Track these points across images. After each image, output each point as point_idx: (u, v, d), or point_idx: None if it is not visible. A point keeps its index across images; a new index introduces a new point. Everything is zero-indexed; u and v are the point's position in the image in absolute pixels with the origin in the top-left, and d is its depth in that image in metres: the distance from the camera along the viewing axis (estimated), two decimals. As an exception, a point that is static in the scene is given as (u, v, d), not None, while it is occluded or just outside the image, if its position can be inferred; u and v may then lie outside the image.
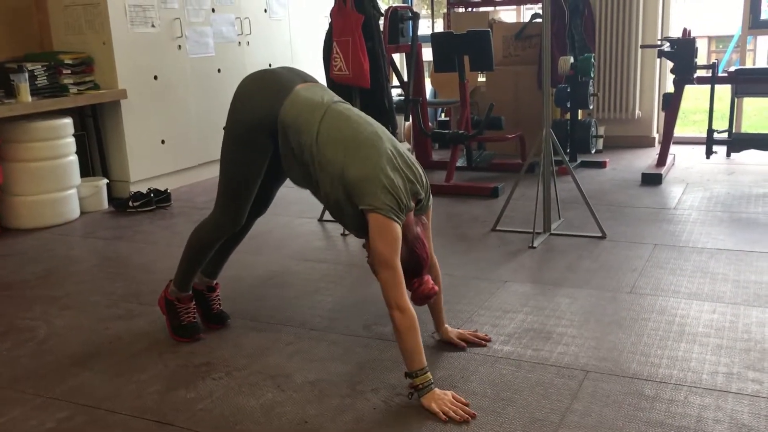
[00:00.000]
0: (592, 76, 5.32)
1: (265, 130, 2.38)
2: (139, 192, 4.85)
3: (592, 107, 5.53)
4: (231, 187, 2.50)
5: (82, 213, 4.73)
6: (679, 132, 5.97)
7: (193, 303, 2.75)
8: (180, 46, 5.35)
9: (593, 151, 5.63)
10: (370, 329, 2.73)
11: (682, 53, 4.93)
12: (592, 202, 3.90)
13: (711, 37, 13.84)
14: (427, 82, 6.40)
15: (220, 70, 5.71)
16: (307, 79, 2.48)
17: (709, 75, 5.08)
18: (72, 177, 4.60)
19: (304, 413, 2.15)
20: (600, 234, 3.74)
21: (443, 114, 6.82)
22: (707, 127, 5.13)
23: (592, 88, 5.40)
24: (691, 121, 8.66)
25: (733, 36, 11.48)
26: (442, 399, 2.12)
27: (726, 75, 5.15)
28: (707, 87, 5.08)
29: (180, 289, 2.70)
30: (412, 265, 2.24)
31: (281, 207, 3.45)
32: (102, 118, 5.03)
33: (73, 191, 4.62)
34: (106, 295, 3.24)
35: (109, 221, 4.59)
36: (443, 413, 2.07)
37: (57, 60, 4.71)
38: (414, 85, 5.04)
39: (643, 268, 3.26)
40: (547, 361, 2.41)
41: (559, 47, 5.38)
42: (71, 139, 4.61)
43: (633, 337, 2.56)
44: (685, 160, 5.61)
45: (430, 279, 2.31)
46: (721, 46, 13.97)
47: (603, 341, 2.54)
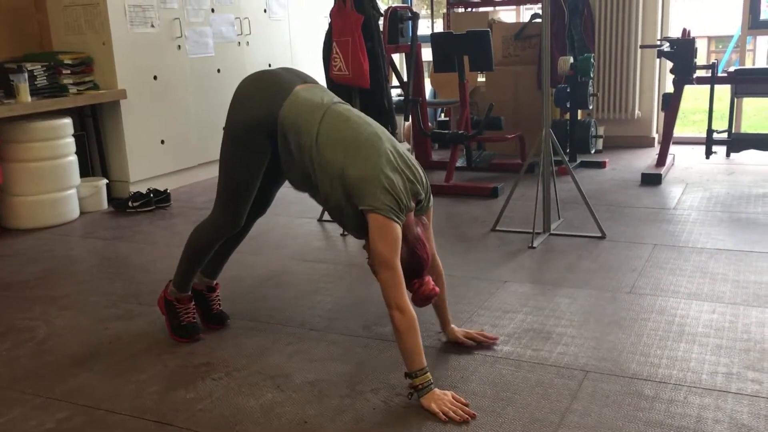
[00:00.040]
0: (592, 76, 5.32)
1: (265, 131, 2.38)
2: (138, 192, 4.85)
3: (591, 107, 5.53)
4: (230, 187, 2.50)
5: (82, 213, 4.73)
6: (678, 132, 5.97)
7: (193, 303, 2.75)
8: (179, 46, 5.35)
9: (593, 151, 5.63)
10: (369, 329, 2.73)
11: (682, 53, 4.93)
12: (591, 203, 3.90)
13: (710, 37, 13.84)
14: (427, 82, 6.40)
15: (219, 71, 5.71)
16: (306, 80, 2.48)
17: (709, 75, 5.09)
18: (71, 177, 4.60)
19: (303, 413, 2.15)
20: (600, 234, 3.74)
21: (443, 114, 6.83)
22: (707, 127, 5.13)
23: (591, 88, 5.40)
24: (690, 121, 8.66)
25: (732, 36, 11.49)
26: (442, 399, 2.12)
27: (725, 75, 5.15)
28: (707, 87, 5.08)
29: (179, 289, 2.70)
30: (413, 265, 2.24)
31: (281, 207, 3.45)
32: (101, 119, 5.03)
33: (72, 191, 4.62)
34: (105, 296, 3.24)
35: (108, 221, 4.59)
36: (443, 413, 2.07)
37: (56, 60, 4.71)
38: (414, 86, 5.04)
39: (643, 268, 3.26)
40: (546, 361, 2.41)
41: (558, 47, 5.38)
42: (71, 140, 4.61)
43: (632, 337, 2.56)
44: (685, 160, 5.61)
45: (431, 280, 2.31)
46: (720, 46, 13.97)
47: (602, 341, 2.54)
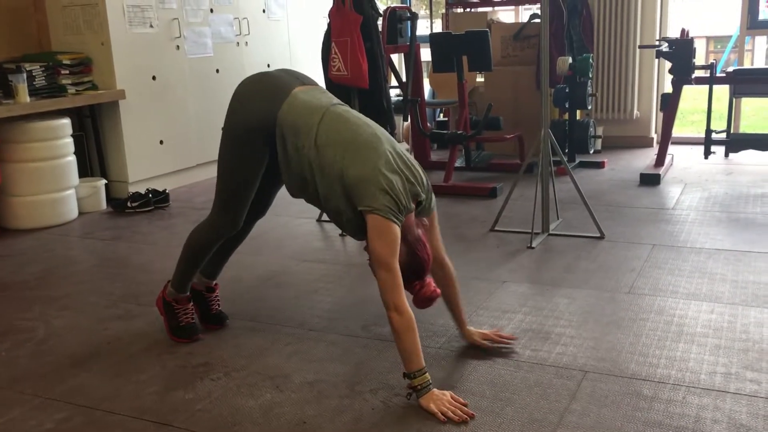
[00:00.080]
0: (591, 76, 5.33)
1: (263, 133, 2.37)
2: (137, 192, 4.85)
3: (590, 107, 5.54)
4: (229, 189, 2.50)
5: (81, 213, 4.72)
6: (677, 132, 5.97)
7: (191, 304, 2.75)
8: (178, 46, 5.35)
9: (591, 151, 5.64)
10: (368, 330, 2.73)
11: (681, 53, 4.93)
12: (590, 203, 3.90)
13: (709, 38, 13.85)
14: (426, 82, 6.40)
15: (218, 71, 5.70)
16: (305, 81, 2.47)
17: (708, 75, 5.09)
18: (70, 177, 4.60)
19: (302, 414, 2.15)
20: (598, 234, 3.74)
21: (442, 114, 6.83)
22: (705, 128, 5.14)
23: (590, 89, 5.41)
24: (689, 121, 8.66)
25: (731, 36, 11.50)
26: (441, 399, 2.12)
27: (724, 75, 5.16)
28: (705, 87, 5.09)
29: (177, 290, 2.70)
30: (414, 267, 2.23)
31: (280, 207, 3.45)
32: (100, 119, 5.03)
33: (71, 192, 4.62)
34: (104, 296, 3.24)
35: (107, 222, 4.59)
36: (442, 413, 2.07)
37: (55, 60, 4.71)
38: (412, 86, 5.04)
39: (642, 269, 3.26)
40: (545, 361, 2.42)
41: (557, 47, 5.38)
42: (69, 140, 4.61)
43: (631, 338, 2.56)
44: (684, 160, 5.62)
45: (432, 282, 2.30)
46: (719, 47, 13.98)
47: (601, 341, 2.54)
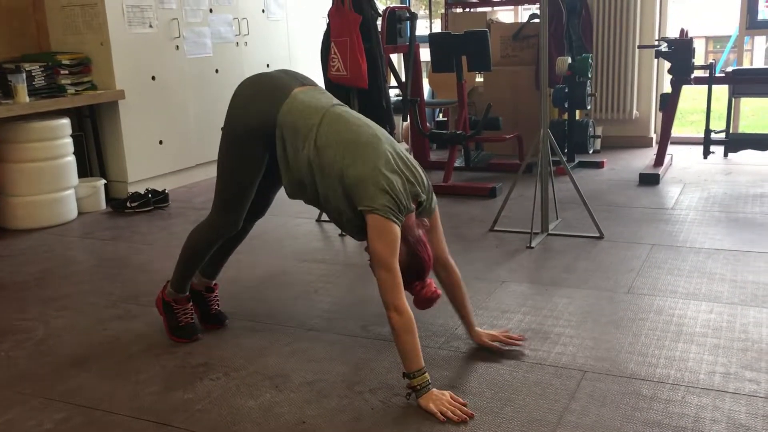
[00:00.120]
0: (590, 76, 5.33)
1: (263, 134, 2.37)
2: (136, 192, 4.85)
3: (589, 107, 5.54)
4: (228, 190, 2.50)
5: (80, 213, 4.72)
6: (676, 132, 5.98)
7: (191, 304, 2.75)
8: (178, 46, 5.35)
9: (591, 151, 5.64)
10: (368, 330, 2.73)
11: (680, 53, 4.94)
12: (589, 203, 3.90)
13: (708, 38, 13.84)
14: (425, 82, 6.40)
15: (217, 71, 5.70)
16: (305, 82, 2.47)
17: (707, 75, 5.09)
18: (70, 177, 4.60)
19: (302, 413, 2.15)
20: (598, 234, 3.74)
21: (441, 114, 6.83)
22: (704, 128, 5.14)
23: (589, 89, 5.41)
24: (688, 121, 8.66)
25: (730, 36, 11.50)
26: (440, 399, 2.12)
27: (723, 75, 5.17)
28: (704, 87, 5.09)
29: (177, 290, 2.70)
30: (414, 267, 2.23)
31: (279, 207, 3.45)
32: (100, 119, 5.03)
33: (70, 192, 4.62)
34: (103, 296, 3.24)
35: (106, 222, 4.59)
36: (441, 413, 2.07)
37: (54, 60, 4.71)
38: (412, 86, 5.04)
39: (641, 268, 3.26)
40: (544, 361, 2.42)
41: (556, 48, 5.38)
42: (69, 140, 4.61)
43: (630, 337, 2.56)
44: (683, 160, 5.62)
45: (433, 283, 2.30)
46: (718, 47, 13.98)
47: (600, 341, 2.55)
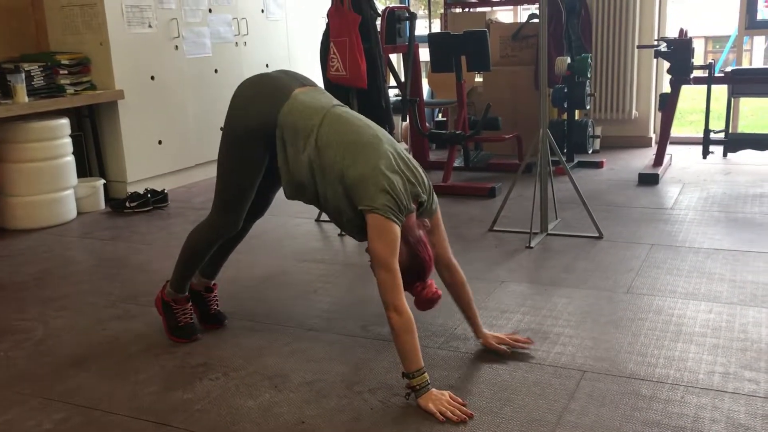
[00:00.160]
0: (589, 76, 5.33)
1: (263, 135, 2.37)
2: (136, 192, 4.85)
3: (589, 107, 5.53)
4: (228, 190, 2.50)
5: (79, 213, 4.72)
6: (675, 132, 5.98)
7: (190, 304, 2.75)
8: (177, 46, 5.34)
9: (590, 151, 5.64)
10: (367, 329, 2.73)
11: (679, 53, 4.94)
12: (589, 203, 3.90)
13: (708, 38, 13.85)
14: (424, 82, 6.40)
15: (217, 71, 5.70)
16: (305, 82, 2.47)
17: (706, 75, 5.09)
18: (69, 177, 4.59)
19: (301, 413, 2.15)
20: (597, 234, 3.74)
21: (440, 114, 6.83)
22: (704, 127, 5.14)
23: (589, 89, 5.41)
24: (687, 121, 8.67)
25: (729, 36, 11.50)
26: (440, 399, 2.12)
27: (722, 75, 5.16)
28: (704, 87, 5.09)
29: (176, 290, 2.70)
30: (415, 268, 2.23)
31: (279, 207, 3.44)
32: (99, 119, 5.03)
33: (70, 192, 4.62)
34: (103, 296, 3.24)
35: (106, 222, 4.59)
36: (440, 413, 2.07)
37: (54, 60, 4.71)
38: (411, 86, 5.04)
39: (640, 268, 3.26)
40: (544, 361, 2.42)
41: (556, 47, 5.38)
42: (68, 140, 4.61)
43: (630, 337, 2.56)
44: (682, 160, 5.62)
45: (434, 283, 2.30)
46: (717, 47, 13.99)
47: (600, 341, 2.55)
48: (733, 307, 2.78)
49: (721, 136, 5.27)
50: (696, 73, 5.11)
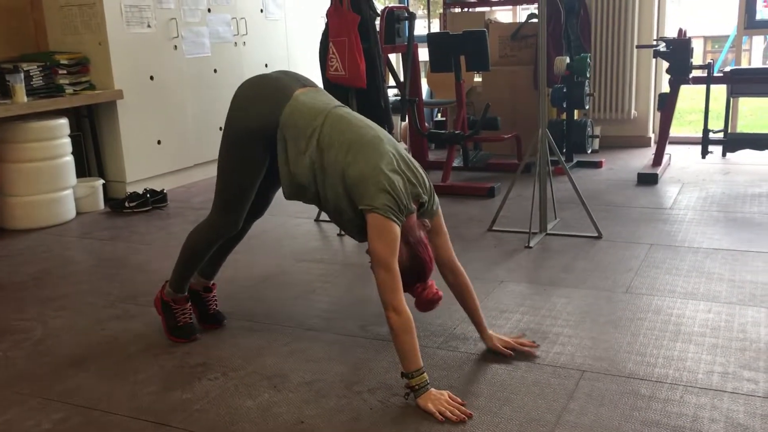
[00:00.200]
0: (588, 76, 5.33)
1: (263, 136, 2.37)
2: (135, 192, 4.85)
3: (588, 107, 5.54)
4: (228, 190, 2.50)
5: (78, 213, 4.72)
6: (674, 132, 5.99)
7: (189, 304, 2.75)
8: (176, 46, 5.34)
9: (589, 151, 5.64)
10: (366, 329, 2.73)
11: (678, 53, 4.94)
12: (588, 202, 3.90)
13: (706, 37, 13.86)
14: (424, 82, 6.40)
15: (216, 71, 5.70)
16: (306, 83, 2.47)
17: (705, 75, 5.10)
18: (68, 177, 4.59)
19: (300, 413, 2.15)
20: (596, 234, 3.74)
21: (439, 114, 6.83)
22: (703, 127, 5.15)
23: (588, 88, 5.41)
24: (686, 121, 8.67)
25: (728, 36, 11.51)
26: (439, 399, 2.12)
27: (721, 75, 5.16)
28: (703, 87, 5.10)
29: (175, 290, 2.70)
30: (416, 269, 2.23)
31: (278, 207, 3.44)
32: (98, 119, 5.02)
33: (69, 192, 4.62)
34: (102, 296, 3.24)
35: (105, 222, 4.59)
36: (439, 413, 2.07)
37: (53, 60, 4.70)
38: (410, 86, 5.04)
39: (639, 268, 3.26)
40: (543, 360, 2.42)
41: (555, 47, 5.38)
42: (67, 140, 4.61)
43: (629, 337, 2.57)
44: (681, 160, 5.62)
45: (434, 284, 2.30)
46: (716, 46, 13.99)
47: (599, 341, 2.55)
48: (732, 307, 2.78)
49: (720, 135, 5.27)
50: (695, 72, 5.11)
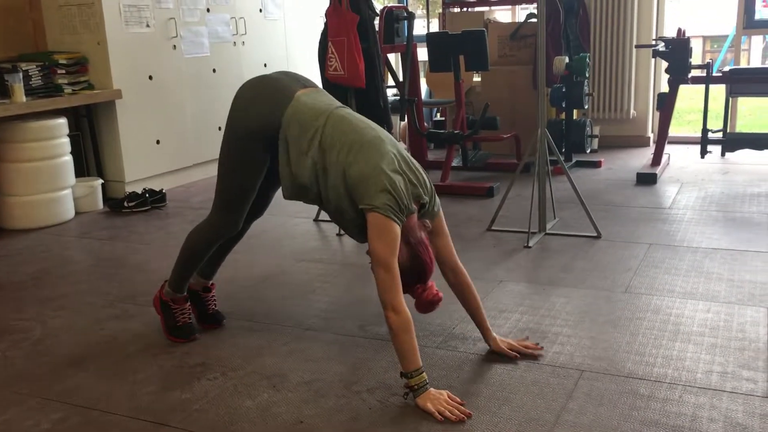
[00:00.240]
0: (587, 75, 5.33)
1: (264, 137, 2.37)
2: (134, 192, 4.85)
3: (587, 107, 5.54)
4: (229, 191, 2.50)
5: (77, 213, 4.72)
6: (673, 132, 5.99)
7: (188, 303, 2.75)
8: (175, 46, 5.34)
9: (588, 150, 5.64)
10: (366, 329, 2.73)
11: (677, 53, 4.94)
12: (587, 202, 3.90)
13: (705, 37, 13.86)
14: (423, 82, 6.40)
15: (215, 70, 5.70)
16: (306, 84, 2.47)
17: (704, 75, 5.10)
18: (67, 177, 4.59)
19: (299, 413, 2.15)
20: (595, 234, 3.74)
21: (438, 114, 6.83)
22: (702, 127, 5.15)
23: (587, 88, 5.41)
24: (685, 120, 8.68)
25: (727, 36, 11.51)
26: (438, 399, 2.12)
27: (720, 75, 5.17)
28: (702, 87, 5.10)
29: (175, 290, 2.70)
30: (416, 269, 2.23)
31: (277, 207, 3.44)
32: (97, 118, 5.02)
33: (68, 191, 4.61)
34: (101, 296, 3.24)
35: (104, 221, 4.58)
36: (439, 413, 2.07)
37: (51, 60, 4.70)
38: (409, 85, 5.04)
39: (638, 268, 3.27)
40: (542, 360, 2.42)
41: (554, 47, 5.38)
42: (66, 140, 4.60)
43: (628, 337, 2.57)
44: (680, 159, 5.63)
45: (434, 286, 2.30)
46: (715, 46, 13.99)
47: (598, 341, 2.55)
48: (731, 307, 2.79)
49: (719, 135, 5.27)
50: (694, 72, 5.11)
